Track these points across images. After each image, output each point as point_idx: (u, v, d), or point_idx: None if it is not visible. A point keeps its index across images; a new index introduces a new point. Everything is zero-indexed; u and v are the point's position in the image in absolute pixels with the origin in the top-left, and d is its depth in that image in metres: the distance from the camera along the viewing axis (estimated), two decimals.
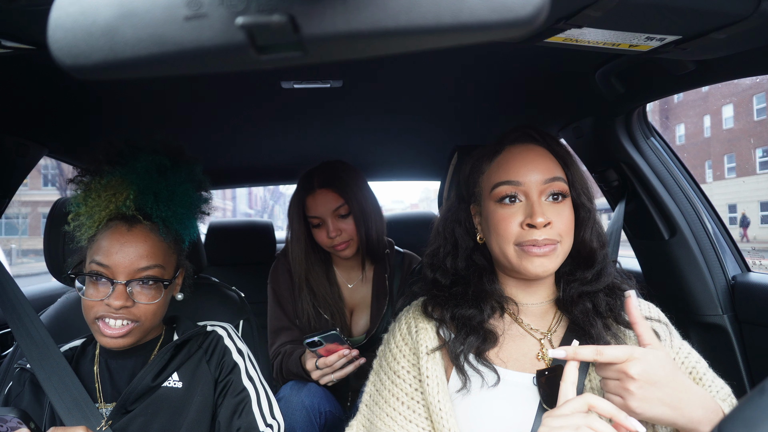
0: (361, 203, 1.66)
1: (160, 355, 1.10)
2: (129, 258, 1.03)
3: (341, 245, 1.66)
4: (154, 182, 1.11)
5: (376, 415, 1.01)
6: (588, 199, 0.99)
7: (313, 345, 1.43)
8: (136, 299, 1.04)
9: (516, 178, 0.95)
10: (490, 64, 1.30)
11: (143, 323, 1.06)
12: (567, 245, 0.96)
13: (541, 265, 0.93)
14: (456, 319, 0.98)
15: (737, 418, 0.53)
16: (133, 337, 1.06)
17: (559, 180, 0.96)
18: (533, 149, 0.98)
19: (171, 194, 1.12)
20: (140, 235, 1.06)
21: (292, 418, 1.43)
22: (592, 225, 0.99)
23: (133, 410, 1.07)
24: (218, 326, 1.23)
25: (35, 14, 0.74)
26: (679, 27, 0.83)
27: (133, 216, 1.08)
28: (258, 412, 1.12)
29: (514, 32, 0.29)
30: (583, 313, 0.96)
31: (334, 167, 1.71)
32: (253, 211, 38.99)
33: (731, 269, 1.58)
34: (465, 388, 0.93)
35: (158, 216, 1.10)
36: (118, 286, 1.02)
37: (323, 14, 0.29)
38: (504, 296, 1.01)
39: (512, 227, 0.94)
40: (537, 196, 0.94)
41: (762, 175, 18.65)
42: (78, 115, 1.55)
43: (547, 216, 0.92)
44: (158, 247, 1.08)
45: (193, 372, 1.12)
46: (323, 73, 1.31)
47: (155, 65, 0.31)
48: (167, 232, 1.11)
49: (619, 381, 0.79)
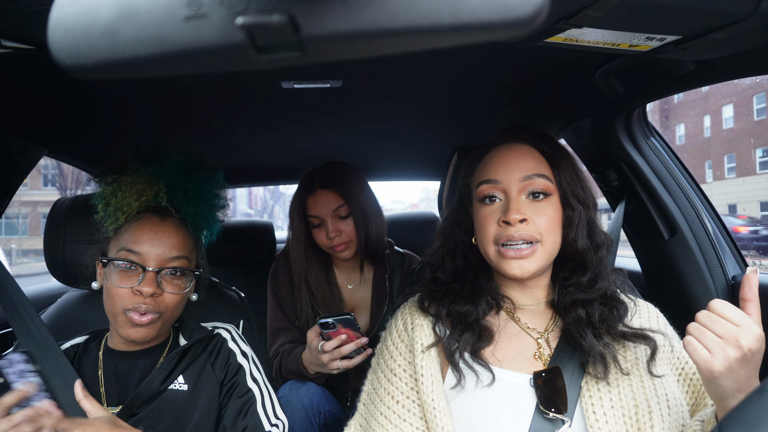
0: (361, 205, 1.66)
1: (168, 359, 1.10)
2: (161, 247, 1.06)
3: (340, 246, 1.65)
4: (183, 180, 1.15)
5: (371, 414, 1.00)
6: (577, 200, 0.97)
7: (326, 326, 1.41)
8: (164, 288, 1.05)
9: (495, 176, 0.96)
10: (490, 64, 1.30)
11: (165, 316, 1.06)
12: (550, 245, 0.94)
13: (519, 267, 0.92)
14: (452, 315, 0.98)
15: (737, 418, 0.53)
16: (154, 330, 1.06)
17: (541, 177, 0.95)
18: (517, 148, 0.99)
19: (199, 193, 1.17)
20: (172, 227, 1.09)
21: (291, 417, 1.43)
22: (577, 225, 0.96)
23: (138, 413, 1.06)
24: (221, 328, 1.23)
25: (35, 14, 0.74)
26: (679, 27, 0.83)
27: (165, 208, 1.12)
28: (263, 413, 1.12)
29: (514, 32, 0.29)
30: (575, 321, 0.95)
31: (336, 168, 1.71)
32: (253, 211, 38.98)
33: (731, 269, 1.58)
34: (459, 385, 0.92)
35: (186, 211, 1.14)
36: (149, 273, 1.03)
37: (323, 14, 0.29)
38: (500, 294, 1.01)
39: (491, 225, 0.95)
40: (516, 194, 0.94)
41: (762, 175, 18.64)
42: (78, 115, 1.54)
43: (522, 213, 0.92)
44: (186, 241, 1.11)
45: (198, 375, 1.12)
46: (323, 73, 1.31)
47: (155, 65, 0.31)
48: (194, 228, 1.15)
49: (723, 340, 0.75)
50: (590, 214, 0.99)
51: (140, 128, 1.75)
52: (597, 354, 0.90)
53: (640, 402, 0.87)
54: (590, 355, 0.90)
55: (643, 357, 0.93)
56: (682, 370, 0.97)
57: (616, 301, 0.97)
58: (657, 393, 0.89)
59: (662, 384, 0.90)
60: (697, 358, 0.76)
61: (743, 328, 0.75)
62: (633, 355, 0.93)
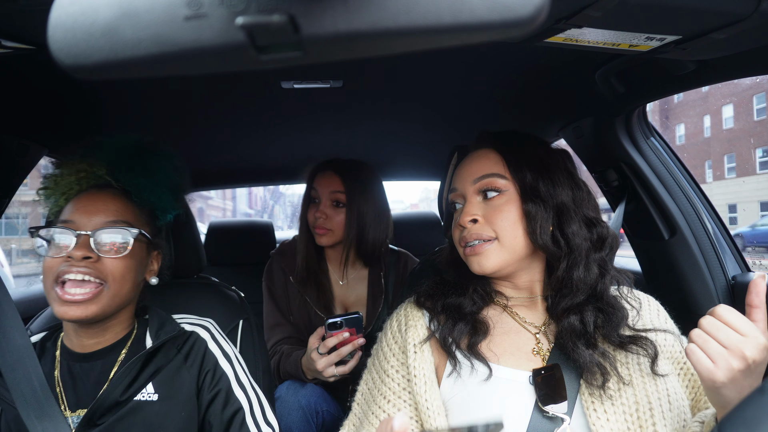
0: (360, 206, 1.67)
1: (129, 366, 0.97)
2: (96, 213, 0.95)
3: (321, 230, 1.68)
4: (129, 158, 1.06)
5: (364, 413, 1.01)
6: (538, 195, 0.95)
7: (333, 327, 1.41)
8: (101, 253, 0.93)
9: (455, 184, 1.03)
10: (490, 64, 1.30)
11: (111, 287, 0.94)
12: (509, 241, 0.94)
13: (478, 263, 0.95)
14: (446, 308, 0.99)
15: (737, 418, 0.53)
16: (100, 305, 0.92)
17: (492, 176, 0.97)
18: (476, 153, 1.03)
19: (145, 168, 1.06)
20: (109, 196, 1.00)
21: (288, 418, 1.43)
22: (538, 220, 0.94)
23: (102, 424, 0.95)
24: (198, 325, 1.11)
25: (35, 14, 0.74)
26: (679, 27, 0.83)
27: (107, 183, 1.03)
28: (252, 424, 1.03)
29: (514, 32, 0.29)
30: (567, 331, 0.92)
31: (354, 164, 1.76)
32: (253, 211, 38.95)
33: (731, 269, 1.58)
34: (456, 372, 0.93)
35: (132, 184, 1.03)
36: (82, 237, 0.92)
37: (323, 14, 0.29)
38: (492, 288, 1.03)
39: (456, 230, 1.01)
40: (470, 197, 0.99)
41: (762, 175, 18.63)
42: (78, 115, 1.54)
43: (472, 213, 0.96)
44: (129, 210, 1.01)
45: (170, 382, 1.00)
46: (323, 73, 1.31)
47: (155, 65, 0.31)
48: (141, 200, 1.04)
49: (727, 350, 0.73)
50: (562, 207, 0.96)
51: (140, 128, 1.75)
52: (594, 365, 0.88)
53: (640, 399, 0.87)
54: (585, 370, 0.88)
55: (644, 360, 0.92)
56: (682, 366, 0.96)
57: (612, 307, 0.94)
58: (658, 389, 0.89)
59: (663, 381, 0.90)
60: (699, 368, 0.74)
61: (749, 338, 0.73)
62: (635, 359, 0.92)
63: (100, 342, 1.01)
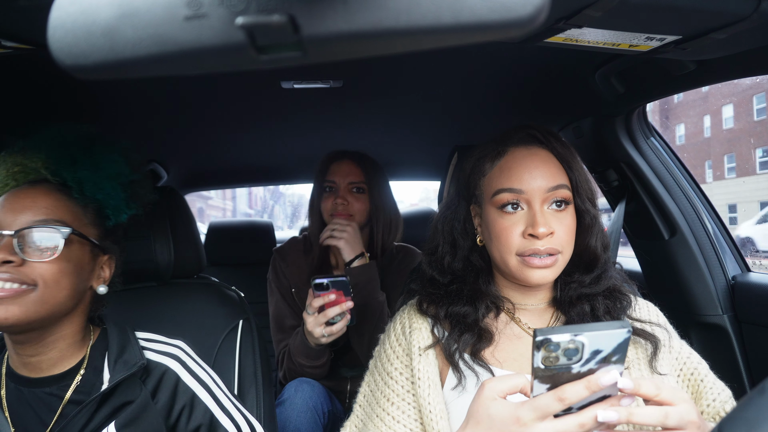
0: (381, 196, 1.66)
1: (84, 411, 0.86)
2: (23, 210, 0.85)
3: (342, 216, 1.62)
4: (71, 147, 0.95)
5: (368, 415, 1.00)
6: (592, 205, 0.97)
7: (320, 287, 1.41)
8: (27, 255, 0.83)
9: (518, 185, 0.92)
10: (490, 64, 1.30)
11: (42, 292, 0.83)
12: (568, 254, 0.94)
13: (543, 277, 0.91)
14: (450, 316, 0.98)
15: (737, 418, 0.53)
16: (23, 308, 0.81)
17: (563, 188, 0.93)
18: (536, 153, 0.95)
19: (92, 163, 0.95)
20: (42, 192, 0.89)
21: (297, 420, 1.43)
22: (597, 232, 0.96)
23: None
24: (167, 355, 0.97)
25: (35, 14, 0.74)
26: (679, 27, 0.83)
27: (44, 178, 0.92)
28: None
29: (514, 32, 0.29)
30: (579, 315, 0.95)
31: (368, 157, 1.74)
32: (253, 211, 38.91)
33: (731, 269, 1.58)
34: (461, 385, 0.92)
35: (73, 179, 0.92)
36: (4, 237, 0.83)
37: (323, 14, 0.29)
38: (500, 297, 1.00)
39: (514, 237, 0.92)
40: (539, 205, 0.91)
41: (762, 175, 18.61)
42: (78, 115, 1.54)
43: (549, 226, 0.90)
44: (66, 208, 0.90)
45: (136, 423, 0.88)
46: (323, 73, 1.31)
47: (155, 65, 0.31)
48: (83, 198, 0.93)
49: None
50: (599, 217, 0.99)
51: (140, 128, 1.75)
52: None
53: (640, 399, 0.87)
54: None
55: (643, 356, 0.92)
56: (681, 369, 0.96)
57: (619, 293, 0.97)
58: None
59: (663, 380, 0.90)
60: None
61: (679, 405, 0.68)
62: (634, 354, 0.93)
63: (43, 361, 0.89)
